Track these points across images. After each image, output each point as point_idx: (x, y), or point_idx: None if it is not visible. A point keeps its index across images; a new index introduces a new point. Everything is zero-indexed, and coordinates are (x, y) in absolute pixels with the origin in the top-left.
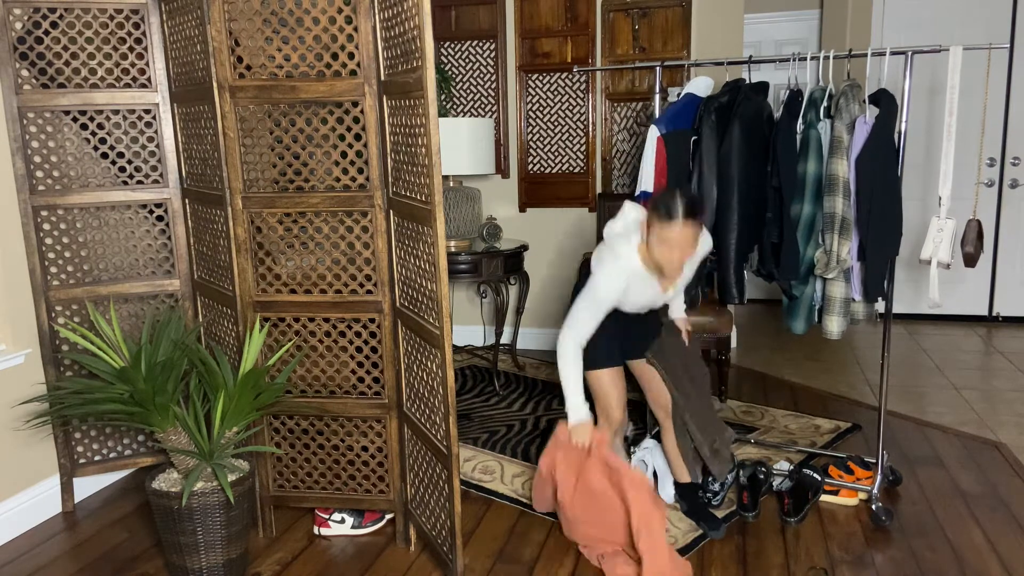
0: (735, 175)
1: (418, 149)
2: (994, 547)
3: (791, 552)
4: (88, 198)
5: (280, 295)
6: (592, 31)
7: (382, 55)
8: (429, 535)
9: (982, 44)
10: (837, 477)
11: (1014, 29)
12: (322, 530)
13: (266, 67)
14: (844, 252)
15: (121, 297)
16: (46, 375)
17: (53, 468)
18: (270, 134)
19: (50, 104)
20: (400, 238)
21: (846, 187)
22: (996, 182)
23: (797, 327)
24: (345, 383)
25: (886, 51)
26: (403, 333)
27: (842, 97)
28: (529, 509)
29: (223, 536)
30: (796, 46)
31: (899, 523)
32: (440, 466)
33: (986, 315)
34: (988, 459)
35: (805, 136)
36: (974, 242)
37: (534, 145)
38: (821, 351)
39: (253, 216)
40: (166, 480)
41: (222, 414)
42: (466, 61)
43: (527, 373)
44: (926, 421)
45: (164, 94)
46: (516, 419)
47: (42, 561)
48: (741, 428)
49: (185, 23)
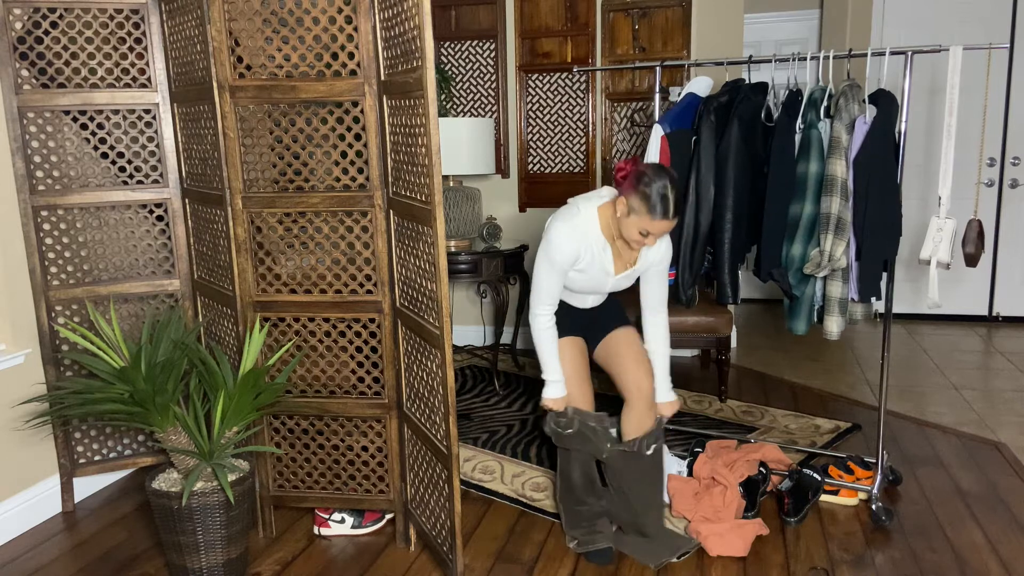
0: (732, 175)
1: (418, 149)
2: (994, 547)
3: (791, 552)
4: (88, 198)
5: (280, 295)
6: (592, 31)
7: (382, 55)
8: (429, 535)
9: (982, 44)
10: (837, 477)
11: (1014, 29)
12: (322, 530)
13: (266, 67)
14: (838, 252)
15: (121, 297)
16: (46, 375)
17: (53, 468)
18: (270, 134)
19: (50, 104)
20: (400, 238)
21: (844, 187)
22: (996, 182)
23: (798, 328)
24: (345, 383)
25: (886, 51)
26: (403, 333)
27: (841, 97)
28: (529, 509)
29: (223, 536)
30: (796, 46)
31: (899, 523)
32: (440, 466)
33: (986, 315)
34: (988, 459)
35: (806, 136)
36: (975, 242)
37: (534, 145)
38: (821, 351)
39: (253, 216)
40: (166, 480)
41: (222, 414)
42: (466, 61)
43: (527, 373)
44: (926, 421)
45: (164, 94)
46: (516, 419)
47: (42, 561)
48: (741, 428)
49: (185, 23)
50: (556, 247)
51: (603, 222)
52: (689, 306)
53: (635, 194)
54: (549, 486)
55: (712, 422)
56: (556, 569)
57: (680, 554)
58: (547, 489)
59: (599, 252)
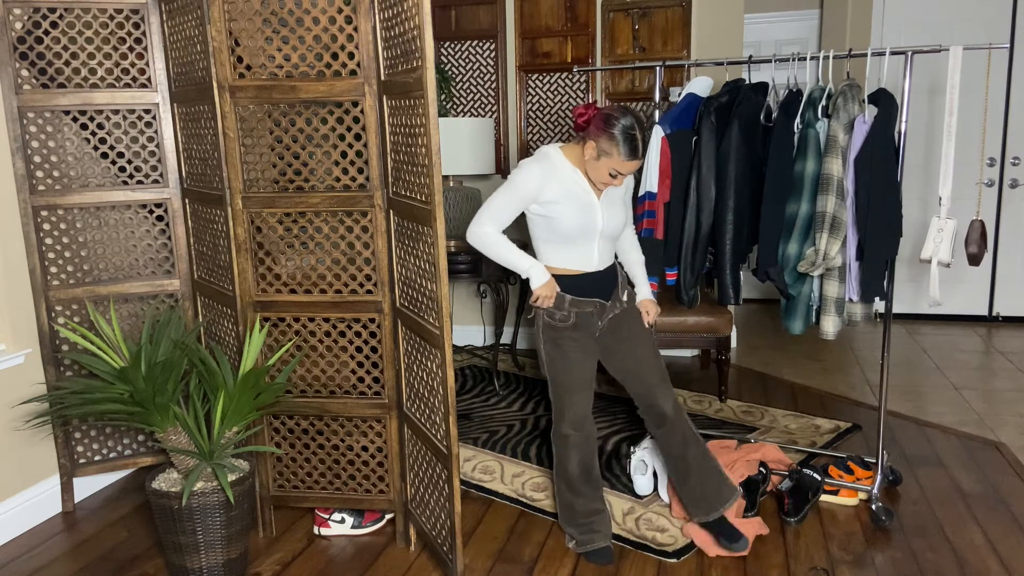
0: (733, 175)
1: (418, 149)
2: (994, 547)
3: (791, 552)
4: (88, 198)
5: (280, 295)
6: (592, 31)
7: (382, 55)
8: (429, 535)
9: (982, 44)
10: (837, 477)
11: (1014, 29)
12: (322, 530)
13: (266, 67)
14: (833, 251)
15: (121, 297)
16: (46, 375)
17: (53, 468)
18: (270, 134)
19: (50, 104)
20: (400, 238)
21: (839, 186)
22: (996, 182)
23: (795, 327)
24: (345, 383)
25: (886, 51)
26: (403, 333)
27: (840, 97)
28: (529, 509)
29: (223, 536)
30: (796, 46)
31: (899, 523)
32: (440, 466)
33: (986, 315)
34: (988, 459)
35: (803, 135)
36: (977, 242)
37: (534, 145)
38: (821, 351)
39: (253, 216)
40: (166, 480)
41: (222, 414)
42: (466, 61)
43: (527, 373)
44: (926, 421)
45: (164, 94)
46: (516, 419)
47: (42, 561)
48: (741, 428)
49: (185, 23)
50: (520, 172)
51: (569, 155)
52: (691, 306)
53: (603, 136)
54: (549, 486)
55: (712, 422)
56: (556, 569)
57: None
58: (547, 489)
59: (570, 177)
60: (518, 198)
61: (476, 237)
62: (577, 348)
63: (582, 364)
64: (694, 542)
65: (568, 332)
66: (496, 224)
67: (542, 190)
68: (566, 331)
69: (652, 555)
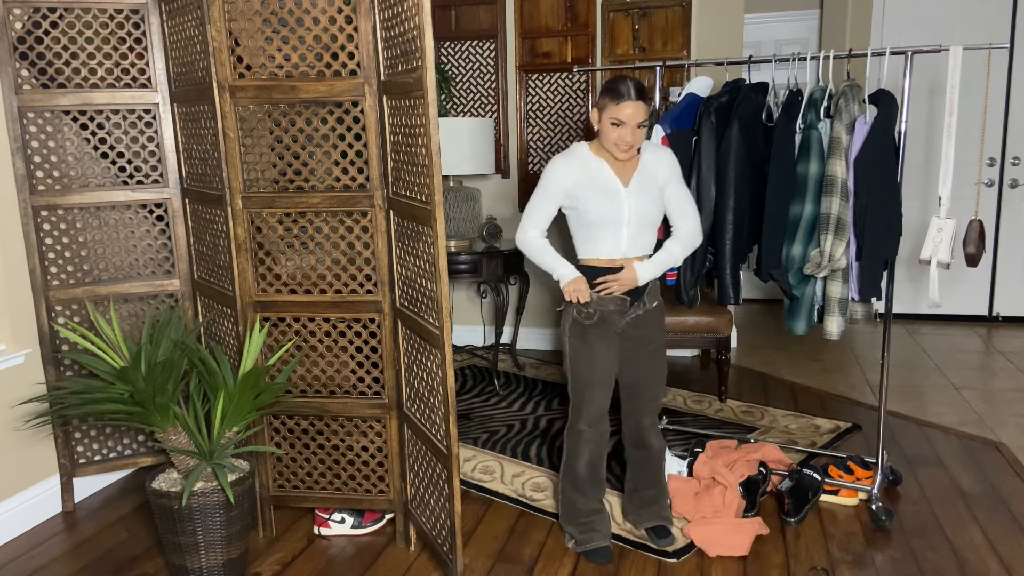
0: (733, 175)
1: (418, 149)
2: (994, 547)
3: (791, 552)
4: (88, 198)
5: (280, 295)
6: (592, 31)
7: (382, 55)
8: (429, 535)
9: (982, 44)
10: (837, 477)
11: (1014, 29)
12: (322, 530)
13: (266, 67)
14: (838, 252)
15: (121, 297)
16: (46, 375)
17: (53, 468)
18: (270, 134)
19: (50, 104)
20: (400, 238)
21: (843, 187)
22: (996, 182)
23: (798, 328)
24: (345, 383)
25: (886, 51)
26: (403, 333)
27: (841, 97)
28: (529, 509)
29: (223, 536)
30: (796, 46)
31: (899, 523)
32: (440, 466)
33: (986, 315)
34: (988, 459)
35: (806, 137)
36: (976, 242)
37: (534, 145)
38: (821, 351)
39: (253, 216)
40: (166, 480)
41: (222, 414)
42: (466, 61)
43: (527, 373)
44: (926, 421)
45: (164, 94)
46: (516, 419)
47: (42, 561)
48: (741, 428)
49: (185, 23)
50: (549, 169)
51: (595, 148)
52: (691, 307)
53: (600, 96)
54: (549, 486)
55: (712, 422)
56: (556, 569)
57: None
58: (547, 489)
59: (596, 167)
60: (550, 194)
61: (521, 244)
62: (602, 341)
63: (605, 357)
64: (694, 542)
65: (592, 328)
66: (538, 227)
67: (571, 182)
68: (591, 327)
69: (652, 555)
